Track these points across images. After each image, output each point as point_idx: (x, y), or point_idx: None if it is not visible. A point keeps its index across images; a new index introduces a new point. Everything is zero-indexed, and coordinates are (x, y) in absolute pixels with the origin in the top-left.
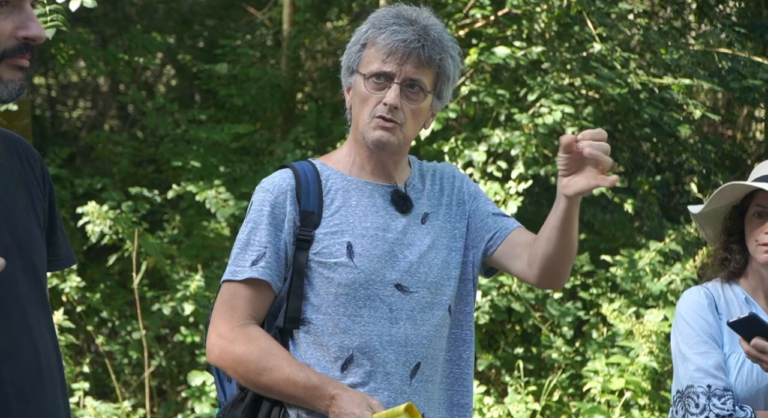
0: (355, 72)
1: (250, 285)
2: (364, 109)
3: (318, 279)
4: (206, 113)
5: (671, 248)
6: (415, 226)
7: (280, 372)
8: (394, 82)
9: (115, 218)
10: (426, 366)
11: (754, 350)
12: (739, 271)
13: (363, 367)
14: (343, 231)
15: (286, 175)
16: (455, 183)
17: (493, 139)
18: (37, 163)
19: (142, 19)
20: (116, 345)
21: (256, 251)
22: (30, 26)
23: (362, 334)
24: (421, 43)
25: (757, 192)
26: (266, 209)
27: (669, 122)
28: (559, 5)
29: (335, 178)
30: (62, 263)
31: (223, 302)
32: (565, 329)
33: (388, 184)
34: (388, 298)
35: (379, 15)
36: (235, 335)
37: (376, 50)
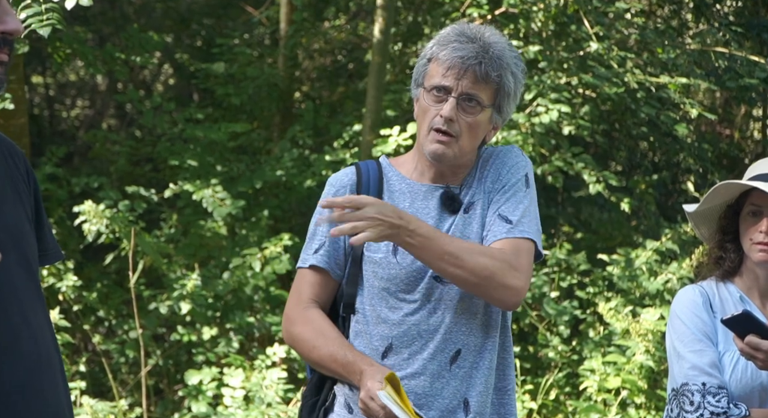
0: (420, 85)
1: (314, 271)
2: (425, 121)
3: (368, 271)
4: (203, 112)
5: (668, 247)
6: (460, 219)
7: (325, 349)
8: (451, 95)
9: (111, 217)
10: (467, 353)
11: (747, 347)
12: (733, 270)
13: (401, 354)
14: None
15: (349, 171)
16: (502, 170)
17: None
18: (21, 160)
19: (139, 18)
20: (113, 344)
21: (318, 240)
22: (6, 20)
23: (401, 324)
24: (478, 60)
25: (752, 191)
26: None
27: (666, 121)
28: (555, 4)
29: (396, 179)
30: (50, 258)
31: (294, 286)
32: (561, 328)
33: (441, 185)
34: (427, 289)
35: (445, 32)
36: (296, 316)
37: (438, 65)
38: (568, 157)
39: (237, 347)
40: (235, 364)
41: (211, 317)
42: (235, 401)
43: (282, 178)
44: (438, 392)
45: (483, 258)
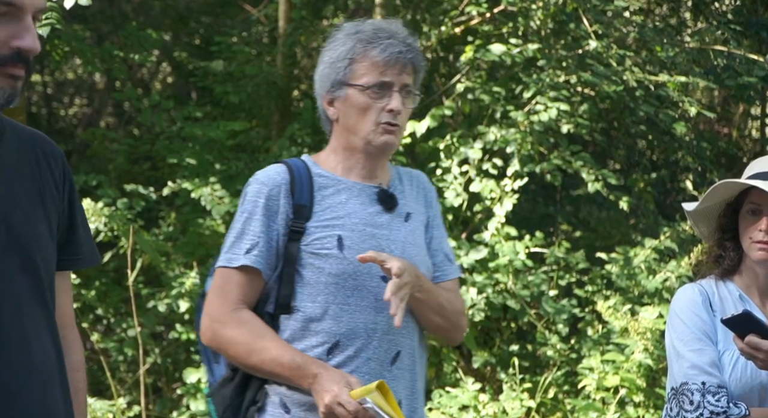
0: (346, 85)
1: (243, 272)
2: (366, 118)
3: (308, 268)
4: (202, 110)
5: (666, 245)
6: (399, 223)
7: (267, 353)
8: (394, 90)
9: (110, 215)
10: (405, 356)
11: (747, 347)
12: (733, 268)
13: (347, 351)
14: (334, 225)
15: (281, 170)
16: (428, 196)
17: (489, 137)
18: (58, 162)
19: (137, 16)
20: (111, 342)
21: (250, 240)
22: (24, 37)
23: (349, 321)
24: (411, 54)
25: (751, 189)
26: (261, 200)
27: (664, 120)
28: (554, 2)
29: (326, 176)
30: (84, 262)
31: (217, 287)
32: (560, 327)
33: (374, 184)
34: (374, 289)
35: (362, 30)
36: (227, 318)
37: (372, 64)
38: (566, 155)
39: None
40: None
41: None
42: None
43: None
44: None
45: (458, 307)
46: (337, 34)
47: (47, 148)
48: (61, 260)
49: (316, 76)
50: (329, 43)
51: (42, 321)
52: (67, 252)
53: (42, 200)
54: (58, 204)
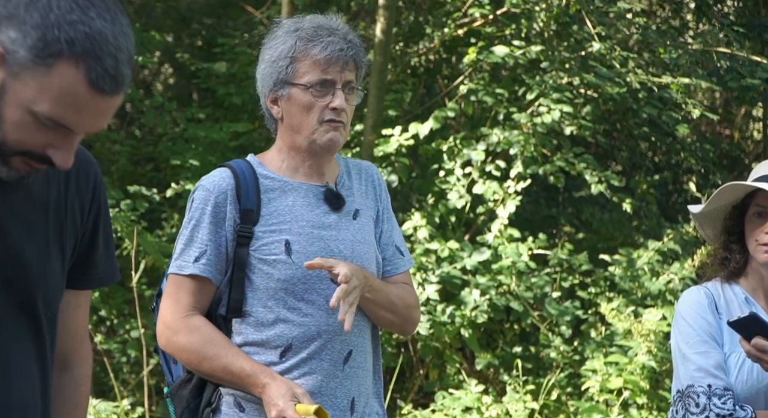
0: (288, 84)
1: (193, 280)
2: (309, 117)
3: (258, 274)
4: (205, 112)
5: (670, 247)
6: (347, 221)
7: (218, 361)
8: (337, 87)
9: (113, 217)
10: (357, 354)
11: (754, 349)
12: (739, 271)
13: (300, 354)
14: (281, 229)
15: (225, 175)
16: (377, 190)
17: (492, 139)
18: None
19: (140, 18)
20: (115, 343)
21: (198, 248)
22: (60, 153)
23: (300, 324)
24: (352, 50)
25: (757, 192)
26: (208, 208)
27: (667, 121)
28: (557, 4)
29: (271, 178)
30: (98, 282)
31: (169, 293)
32: (563, 328)
33: (320, 184)
34: (324, 291)
35: (301, 28)
36: (179, 325)
37: (313, 62)
38: (569, 157)
39: None
40: None
41: None
42: None
43: None
44: (332, 392)
45: (409, 301)
46: (276, 31)
47: (79, 165)
48: (76, 279)
49: (258, 74)
50: (269, 40)
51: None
52: (81, 272)
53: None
54: (79, 230)
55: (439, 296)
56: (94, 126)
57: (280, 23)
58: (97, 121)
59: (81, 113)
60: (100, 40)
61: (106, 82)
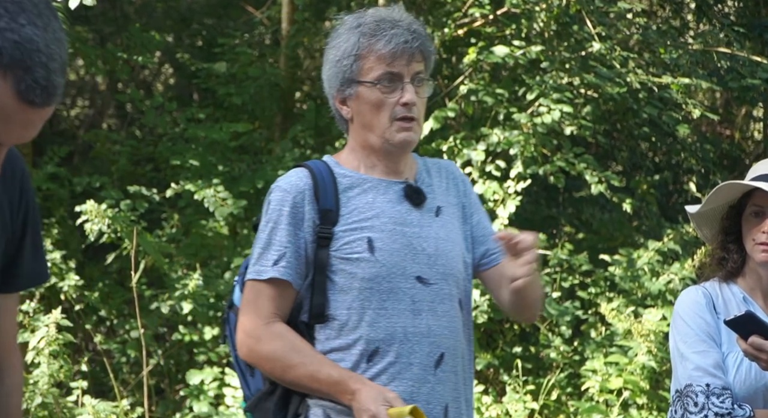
0: (355, 82)
1: (273, 284)
2: (381, 115)
3: (340, 275)
4: (205, 112)
5: (670, 247)
6: (430, 218)
7: (303, 369)
8: (405, 81)
9: (113, 217)
10: (450, 357)
11: (751, 348)
12: (736, 270)
13: (387, 357)
14: (362, 227)
15: (303, 175)
16: (459, 186)
17: (492, 139)
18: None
19: (140, 18)
20: (114, 344)
21: (277, 250)
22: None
23: (387, 326)
24: (418, 41)
25: (755, 191)
26: (285, 208)
27: (668, 122)
28: (558, 4)
29: (349, 176)
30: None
31: (249, 300)
32: (563, 329)
33: (399, 180)
34: (409, 290)
35: (363, 23)
36: (261, 333)
37: (378, 57)
38: (569, 157)
39: None
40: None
41: (212, 317)
42: (237, 401)
43: None
44: (424, 398)
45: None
46: (338, 29)
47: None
48: (3, 282)
49: (324, 75)
50: (332, 39)
51: None
52: (8, 274)
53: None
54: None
55: None
56: (23, 137)
57: (341, 21)
58: (26, 132)
59: (8, 125)
60: (31, 49)
61: (36, 95)
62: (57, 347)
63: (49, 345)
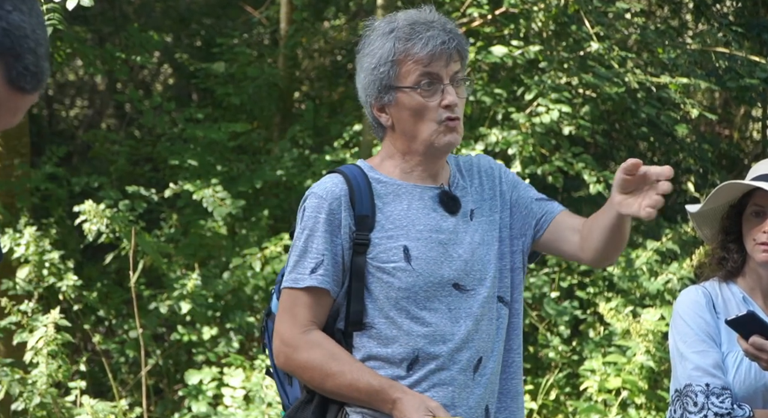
0: (394, 89)
1: (310, 292)
2: (424, 120)
3: (377, 283)
4: (203, 112)
5: (668, 247)
6: (465, 223)
7: (342, 378)
8: (445, 83)
9: (112, 217)
10: (487, 360)
11: (752, 348)
12: (736, 270)
13: (428, 366)
14: (398, 235)
15: (338, 180)
16: (494, 174)
17: (491, 138)
18: None
19: (139, 18)
20: (113, 344)
21: (314, 258)
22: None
23: (425, 335)
24: (455, 41)
25: (755, 191)
26: (322, 215)
27: (666, 121)
28: (556, 4)
29: (384, 182)
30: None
31: (285, 309)
32: (561, 328)
33: (435, 185)
34: (446, 298)
35: (397, 28)
36: (298, 342)
37: (416, 61)
38: (568, 157)
39: (237, 346)
40: (235, 364)
41: (211, 317)
42: (236, 400)
43: (282, 178)
44: (464, 402)
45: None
46: (370, 35)
47: None
48: None
49: (359, 84)
50: (364, 47)
51: None
52: None
53: None
54: None
55: None
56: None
57: (372, 27)
58: (14, 118)
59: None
60: (19, 36)
61: (27, 81)
62: (55, 347)
63: (48, 345)
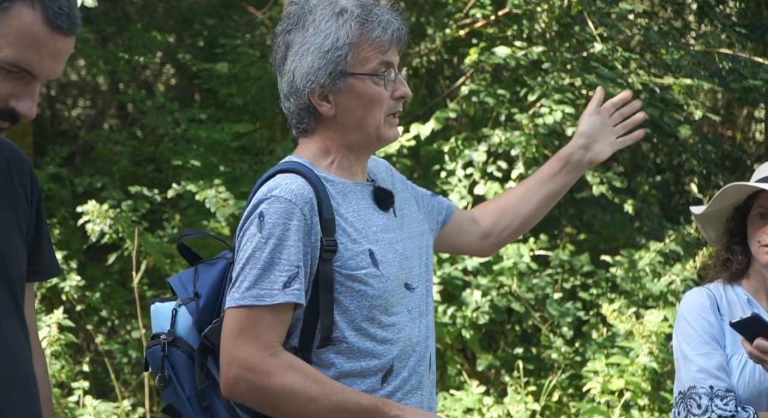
0: (348, 75)
1: (278, 310)
2: (376, 110)
3: (347, 294)
4: (206, 112)
5: (671, 248)
6: (401, 218)
7: (327, 400)
8: (397, 73)
9: (115, 217)
10: (432, 356)
11: (756, 350)
12: (741, 272)
13: (401, 374)
14: (360, 238)
15: (302, 182)
16: (391, 171)
17: (494, 139)
18: (26, 171)
19: (141, 18)
20: (116, 344)
21: (286, 271)
22: (24, 101)
23: (398, 342)
24: (404, 27)
25: (760, 193)
26: (293, 222)
27: (669, 123)
28: (559, 5)
29: (332, 180)
30: (45, 274)
31: (243, 330)
32: (564, 330)
33: (366, 182)
34: (403, 299)
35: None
36: (268, 366)
37: (374, 46)
38: None
39: None
40: None
41: None
42: None
43: None
44: (427, 406)
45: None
46: (312, 15)
47: (17, 156)
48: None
49: (301, 68)
50: (304, 27)
51: (20, 333)
52: (31, 263)
53: (16, 212)
54: (28, 213)
55: (441, 296)
56: (53, 70)
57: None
58: (56, 64)
59: (41, 54)
60: None
61: (63, 20)
62: (59, 347)
63: (51, 345)
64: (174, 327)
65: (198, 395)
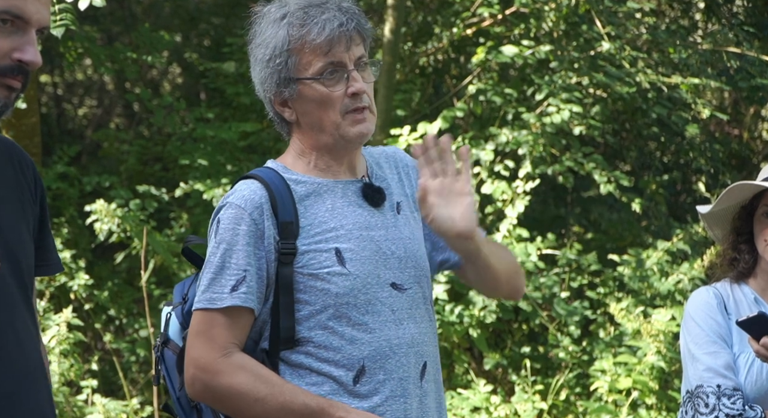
0: (294, 81)
1: (230, 313)
2: (330, 111)
3: (310, 293)
4: (213, 111)
5: (679, 247)
6: (393, 217)
7: (274, 400)
8: (349, 69)
9: (123, 216)
10: (431, 365)
11: (763, 349)
12: (748, 271)
13: (376, 376)
14: (327, 238)
15: (255, 187)
16: (410, 173)
17: (501, 138)
18: (29, 169)
19: (148, 17)
20: (124, 343)
21: (234, 275)
22: (27, 50)
23: (371, 342)
24: (353, 21)
25: (766, 192)
26: (242, 227)
27: (677, 121)
28: (567, 4)
29: (303, 182)
30: (52, 269)
31: (200, 332)
32: (572, 329)
33: (355, 179)
34: (387, 299)
35: (289, 13)
36: (218, 366)
37: (313, 48)
38: (578, 157)
39: None
40: None
41: None
42: None
43: None
44: (414, 414)
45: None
46: (260, 23)
47: (20, 155)
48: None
49: (255, 78)
50: (255, 36)
51: (31, 325)
52: (37, 258)
53: (23, 207)
54: (34, 208)
55: (448, 295)
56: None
57: (261, 13)
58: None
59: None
60: None
61: None
62: (68, 345)
63: (60, 344)
64: (167, 330)
65: (186, 395)
